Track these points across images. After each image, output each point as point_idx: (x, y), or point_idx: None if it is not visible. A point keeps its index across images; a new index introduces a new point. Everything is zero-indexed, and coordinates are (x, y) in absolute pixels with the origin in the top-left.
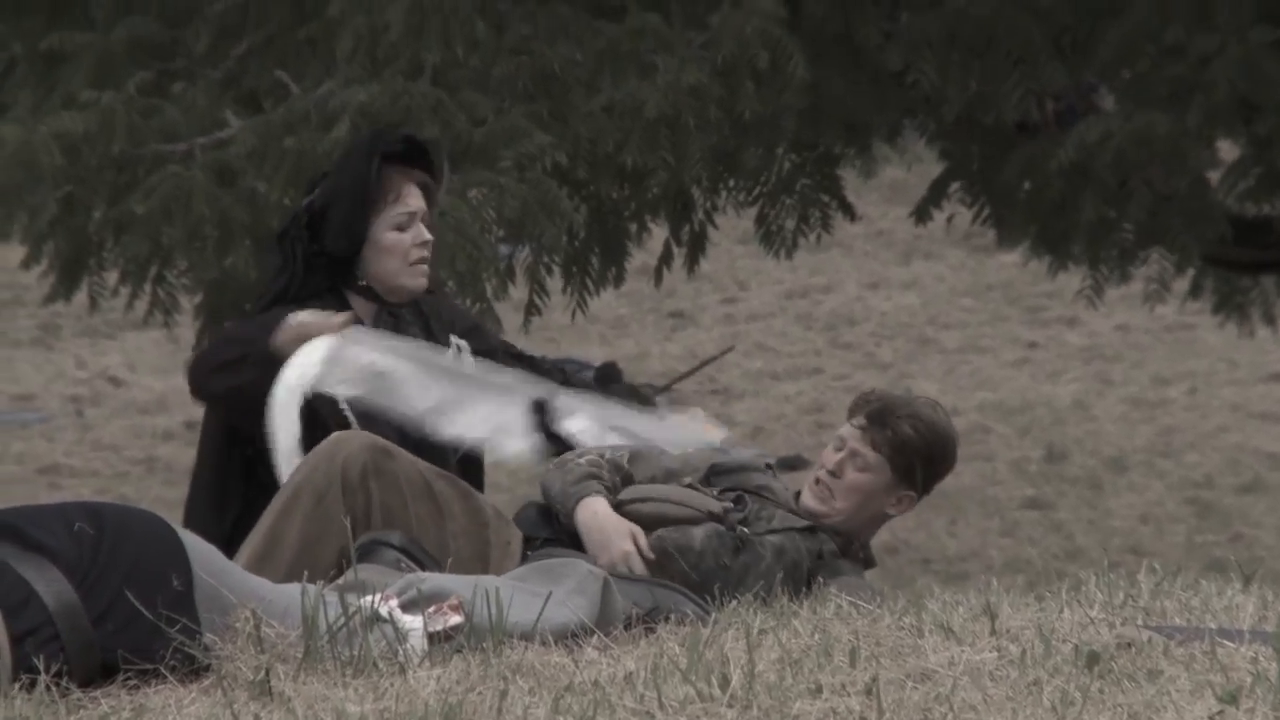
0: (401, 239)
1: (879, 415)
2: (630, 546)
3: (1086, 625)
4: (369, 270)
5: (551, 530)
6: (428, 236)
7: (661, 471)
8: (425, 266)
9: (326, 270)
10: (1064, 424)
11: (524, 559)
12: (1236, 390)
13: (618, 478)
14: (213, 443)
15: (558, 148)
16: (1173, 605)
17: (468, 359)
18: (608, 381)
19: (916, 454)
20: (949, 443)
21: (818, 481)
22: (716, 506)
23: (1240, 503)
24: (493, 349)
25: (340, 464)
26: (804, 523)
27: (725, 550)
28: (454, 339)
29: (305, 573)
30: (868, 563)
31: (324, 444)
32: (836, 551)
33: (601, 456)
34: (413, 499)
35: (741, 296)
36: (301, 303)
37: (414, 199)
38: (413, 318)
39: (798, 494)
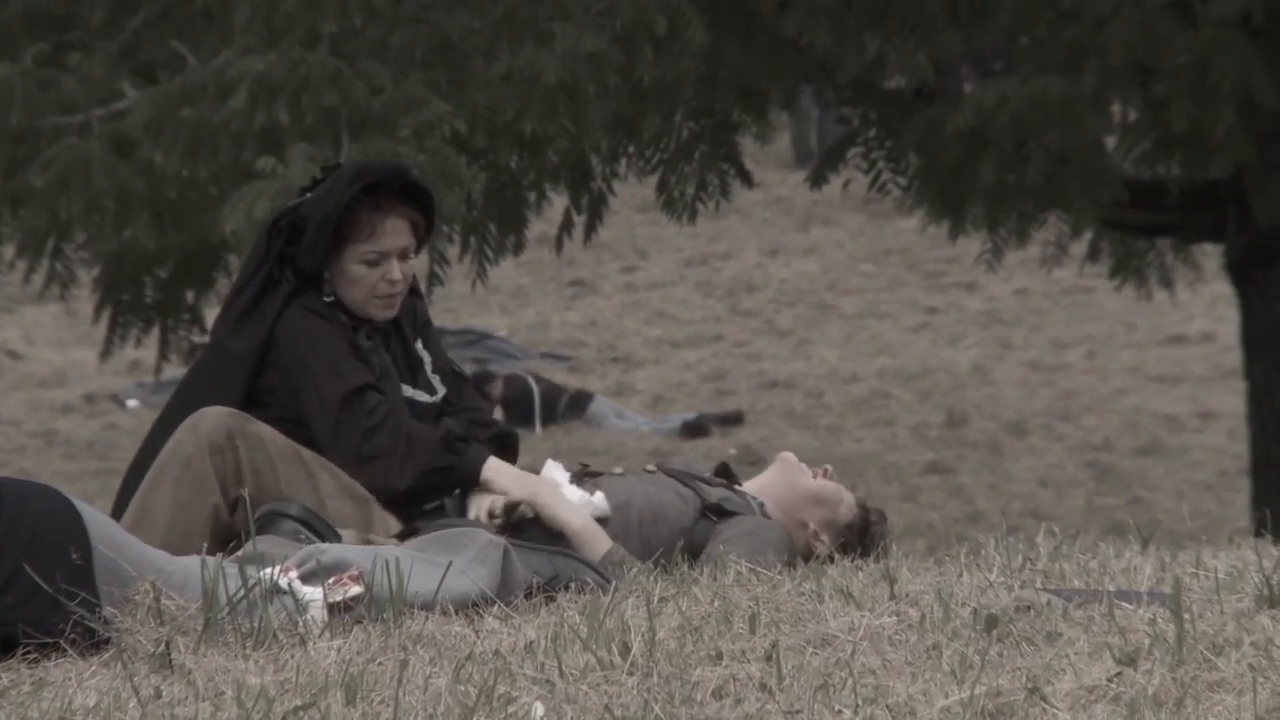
0: (368, 274)
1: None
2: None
3: (985, 589)
4: (337, 290)
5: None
6: (398, 276)
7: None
8: (394, 299)
9: (296, 274)
10: (964, 389)
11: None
12: (1134, 353)
13: None
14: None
15: (456, 116)
16: (1071, 568)
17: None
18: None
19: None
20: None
21: None
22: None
23: (1138, 465)
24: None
25: (204, 430)
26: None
27: None
28: (419, 347)
29: (204, 545)
30: None
31: (186, 420)
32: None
33: None
34: (280, 459)
35: (641, 265)
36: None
37: (392, 237)
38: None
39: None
